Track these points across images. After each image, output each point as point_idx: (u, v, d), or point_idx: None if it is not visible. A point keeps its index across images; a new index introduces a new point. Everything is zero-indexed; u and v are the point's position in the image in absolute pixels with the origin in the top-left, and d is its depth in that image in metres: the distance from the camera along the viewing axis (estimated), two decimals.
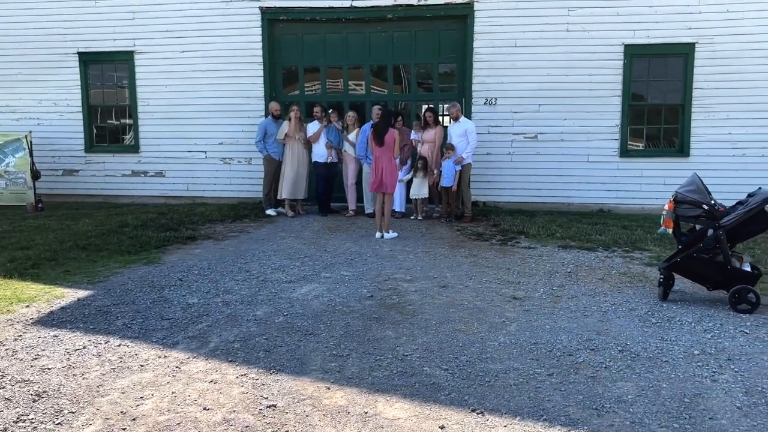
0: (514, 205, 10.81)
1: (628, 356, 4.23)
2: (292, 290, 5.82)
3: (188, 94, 11.46)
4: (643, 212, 10.41)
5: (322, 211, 10.36)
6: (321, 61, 11.48)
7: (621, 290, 5.88)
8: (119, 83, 11.89)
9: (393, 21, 11.04)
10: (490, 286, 6.02)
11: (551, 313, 5.18)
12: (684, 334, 4.65)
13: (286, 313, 5.13)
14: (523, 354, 4.28)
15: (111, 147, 12.06)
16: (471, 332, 4.70)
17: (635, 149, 10.74)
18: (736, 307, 5.19)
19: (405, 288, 5.92)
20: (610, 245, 7.90)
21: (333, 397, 3.66)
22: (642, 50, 10.36)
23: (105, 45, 11.63)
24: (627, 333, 4.68)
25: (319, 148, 10.11)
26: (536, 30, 10.49)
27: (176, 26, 11.35)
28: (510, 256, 7.31)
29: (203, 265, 6.79)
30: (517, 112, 10.69)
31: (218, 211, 10.50)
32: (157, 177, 11.81)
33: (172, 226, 9.13)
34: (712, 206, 5.27)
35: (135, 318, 5.05)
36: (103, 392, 3.71)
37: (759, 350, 4.34)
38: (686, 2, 10.16)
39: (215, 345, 4.46)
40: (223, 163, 11.54)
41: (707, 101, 10.28)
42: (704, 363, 4.11)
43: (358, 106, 11.44)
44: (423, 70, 11.50)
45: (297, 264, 6.86)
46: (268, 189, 10.36)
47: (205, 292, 5.77)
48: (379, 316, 5.08)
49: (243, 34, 11.20)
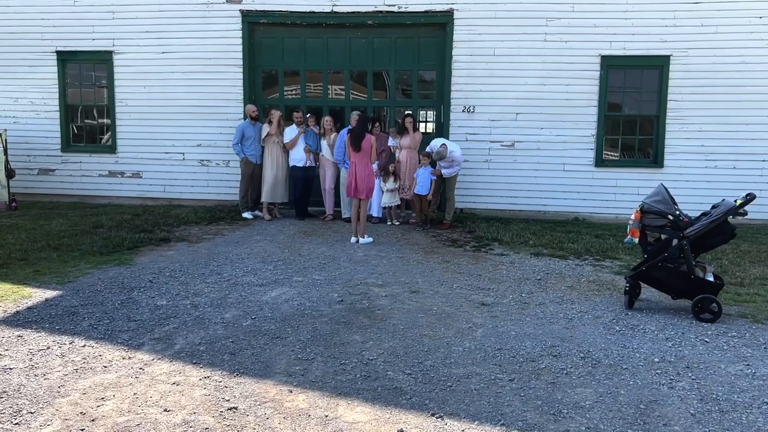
0: (490, 213, 10.89)
1: (589, 363, 4.29)
2: (263, 294, 5.83)
3: (167, 95, 11.41)
4: (618, 221, 10.53)
5: (299, 215, 10.36)
6: (301, 65, 11.51)
7: (588, 298, 5.95)
8: (97, 83, 11.81)
9: (373, 27, 11.10)
10: (461, 292, 6.07)
11: (518, 319, 5.24)
12: (646, 342, 4.73)
13: (254, 317, 5.14)
14: (487, 359, 4.33)
15: (88, 147, 11.96)
16: (437, 337, 4.75)
17: (610, 159, 10.88)
18: (699, 316, 5.29)
19: (376, 293, 5.95)
20: (582, 253, 7.99)
21: (295, 400, 3.67)
22: (618, 62, 10.50)
23: (83, 44, 11.55)
24: (590, 340, 4.75)
25: (297, 152, 10.12)
26: (515, 39, 10.60)
27: (156, 27, 11.31)
28: (482, 263, 7.37)
29: (175, 267, 6.77)
30: (494, 120, 10.79)
31: (194, 213, 10.46)
32: (134, 178, 11.74)
33: (147, 227, 9.08)
34: (677, 217, 5.37)
35: (102, 319, 5.03)
36: (64, 393, 3.70)
37: (717, 358, 4.43)
38: (662, 15, 10.33)
39: (180, 347, 4.46)
40: (201, 165, 11.50)
41: (681, 113, 10.45)
42: (663, 370, 4.19)
43: (338, 112, 11.47)
44: (402, 76, 11.57)
45: (269, 267, 6.86)
46: (244, 192, 10.35)
47: (175, 294, 5.76)
48: (348, 320, 5.10)
49: (223, 36, 11.18)
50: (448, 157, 9.38)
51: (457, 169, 9.67)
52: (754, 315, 5.47)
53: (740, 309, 5.65)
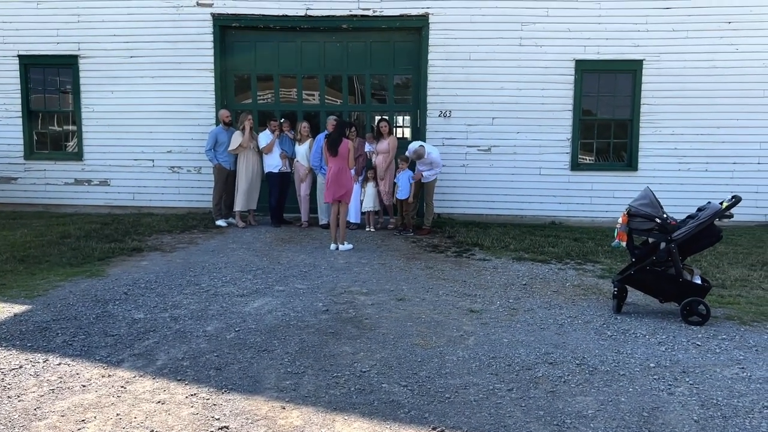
0: (468, 217, 10.84)
1: (586, 370, 4.22)
2: (244, 304, 5.63)
3: (136, 100, 11.09)
4: (594, 225, 10.59)
5: (274, 222, 10.15)
6: (275, 69, 11.31)
7: (576, 303, 5.90)
8: (62, 88, 11.43)
9: (348, 31, 10.97)
10: (447, 298, 5.96)
11: (508, 326, 5.15)
12: (639, 347, 4.69)
13: (238, 329, 4.95)
14: (482, 368, 4.22)
15: (53, 154, 11.55)
16: (429, 346, 4.62)
17: (586, 163, 10.94)
18: (688, 319, 5.27)
19: (361, 301, 5.81)
20: (563, 257, 7.97)
21: (288, 417, 3.51)
22: (592, 66, 10.57)
23: (47, 48, 11.16)
24: (584, 346, 4.69)
25: (273, 159, 9.91)
26: (490, 44, 10.59)
27: (124, 30, 10.99)
28: (465, 268, 7.28)
29: (150, 278, 6.52)
30: (471, 125, 10.75)
31: (166, 221, 10.17)
32: (102, 186, 11.37)
33: (117, 236, 8.78)
34: (665, 220, 5.35)
35: (76, 335, 4.77)
36: (41, 415, 3.47)
37: (712, 362, 4.40)
38: (634, 20, 10.44)
39: (163, 363, 4.25)
40: (172, 172, 11.20)
41: (654, 116, 10.56)
42: (660, 376, 4.13)
43: (312, 116, 11.30)
44: (378, 81, 11.46)
45: (249, 277, 6.66)
46: (218, 199, 10.09)
47: (152, 306, 5.52)
48: (336, 330, 4.95)
49: (194, 40, 10.93)
50: (426, 158, 9.31)
51: (436, 171, 9.59)
52: (740, 317, 5.48)
53: (726, 311, 5.66)
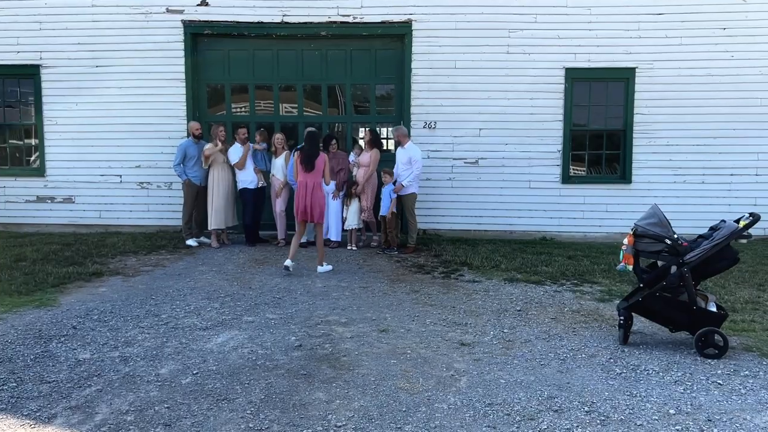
0: (455, 233, 10.28)
1: (597, 419, 3.64)
2: (207, 340, 5.00)
3: (102, 112, 10.43)
4: (586, 240, 10.09)
5: (249, 241, 9.51)
6: (250, 79, 10.70)
7: (577, 332, 5.34)
8: (23, 99, 10.74)
9: (327, 38, 10.41)
10: (435, 328, 5.37)
11: (504, 362, 4.57)
12: (653, 387, 4.12)
13: (196, 371, 4.31)
14: (478, 419, 3.63)
15: (12, 170, 10.83)
16: (416, 391, 4.02)
17: (577, 175, 10.44)
18: (703, 352, 4.72)
19: (340, 333, 5.20)
20: (558, 278, 7.42)
21: None
22: (583, 74, 10.10)
23: (6, 57, 10.46)
24: (591, 387, 4.11)
25: (247, 174, 9.29)
26: (476, 52, 10.08)
27: (89, 38, 10.34)
28: (454, 292, 6.70)
29: (105, 308, 5.87)
30: (457, 137, 10.21)
31: (133, 241, 9.49)
32: (66, 203, 10.66)
33: (78, 259, 8.11)
34: (675, 241, 4.81)
35: (7, 381, 4.12)
36: None
37: (738, 407, 3.84)
38: (626, 27, 9.99)
39: (103, 418, 3.61)
40: (141, 188, 10.53)
41: (648, 126, 10.10)
42: (683, 426, 3.56)
43: (291, 128, 10.71)
44: (359, 91, 10.90)
45: (215, 305, 6.02)
46: (188, 217, 9.44)
47: (102, 344, 4.88)
48: (309, 371, 4.33)
49: (163, 48, 10.30)
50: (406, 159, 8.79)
51: (415, 173, 8.93)
52: (759, 347, 4.94)
53: (742, 340, 5.12)
